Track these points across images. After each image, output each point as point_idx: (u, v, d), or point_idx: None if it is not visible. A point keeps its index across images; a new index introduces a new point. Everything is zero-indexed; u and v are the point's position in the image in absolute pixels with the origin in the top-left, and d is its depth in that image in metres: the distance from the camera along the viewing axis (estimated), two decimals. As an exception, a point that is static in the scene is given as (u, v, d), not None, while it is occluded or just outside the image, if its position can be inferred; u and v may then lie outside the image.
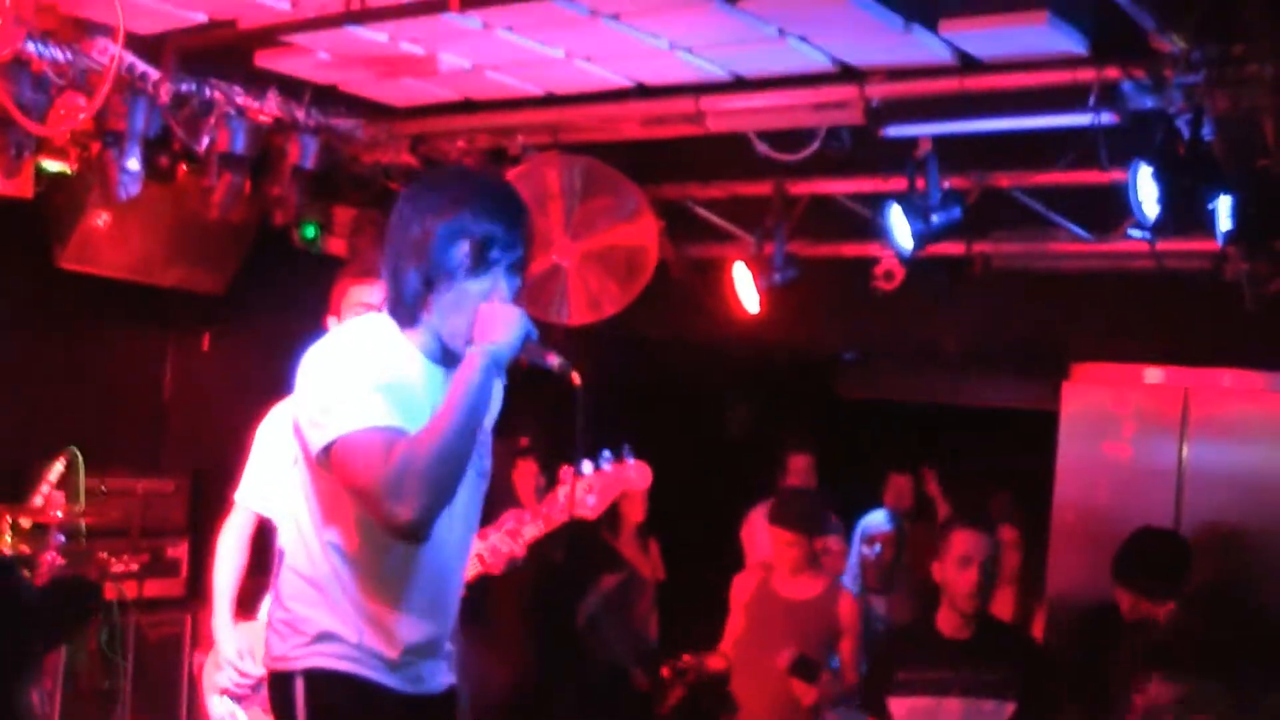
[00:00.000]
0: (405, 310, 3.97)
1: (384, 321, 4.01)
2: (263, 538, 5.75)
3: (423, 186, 4.07)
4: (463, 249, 3.90)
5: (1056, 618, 7.99)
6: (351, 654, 3.98)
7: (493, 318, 3.88)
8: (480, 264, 3.92)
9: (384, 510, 3.66)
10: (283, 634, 4.05)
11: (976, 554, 6.09)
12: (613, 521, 9.15)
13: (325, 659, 3.99)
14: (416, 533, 3.74)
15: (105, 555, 7.97)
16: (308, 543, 4.00)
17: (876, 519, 9.14)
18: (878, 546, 8.21)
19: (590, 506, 5.53)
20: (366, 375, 3.82)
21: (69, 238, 7.80)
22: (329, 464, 3.79)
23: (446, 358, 4.02)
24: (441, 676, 4.22)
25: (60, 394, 8.40)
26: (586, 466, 5.51)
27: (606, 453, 5.53)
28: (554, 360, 4.01)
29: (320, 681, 4.00)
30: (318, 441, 3.80)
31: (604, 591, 9.16)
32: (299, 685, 4.01)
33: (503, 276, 3.97)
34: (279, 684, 4.08)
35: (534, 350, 3.97)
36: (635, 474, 5.60)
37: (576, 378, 4.05)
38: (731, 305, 8.73)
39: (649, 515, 9.36)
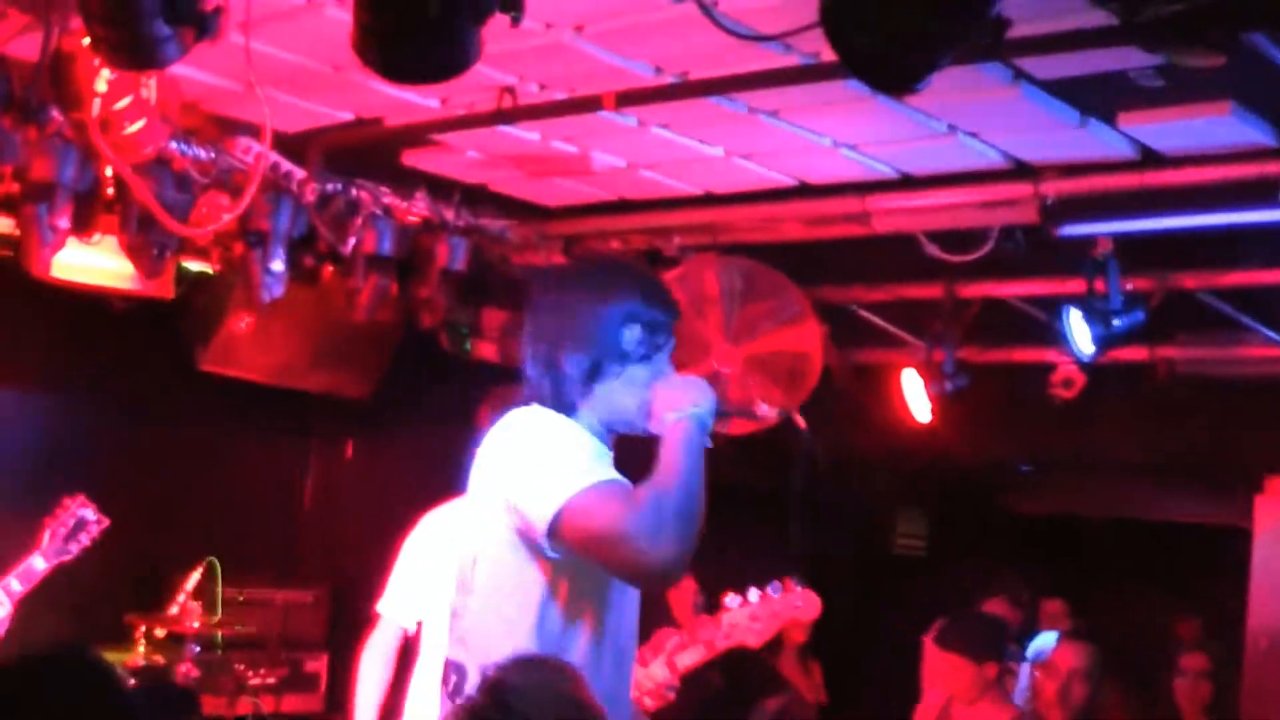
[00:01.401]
0: (562, 400, 3.97)
1: (542, 410, 4.01)
2: (407, 653, 5.80)
3: (576, 272, 4.17)
4: (634, 333, 3.95)
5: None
6: None
7: (677, 390, 3.91)
8: (651, 349, 3.97)
9: (640, 552, 3.64)
10: None
11: (1079, 670, 6.03)
12: (773, 640, 9.10)
13: None
14: (673, 573, 3.75)
15: (242, 667, 8.04)
16: (497, 647, 3.93)
17: (1050, 642, 8.96)
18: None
19: (754, 634, 5.53)
20: (578, 443, 3.85)
21: (211, 339, 7.91)
22: (561, 531, 3.74)
23: (608, 444, 4.04)
24: None
25: (199, 500, 8.51)
26: (753, 594, 5.52)
27: (774, 582, 5.54)
28: (765, 409, 4.02)
29: None
30: (548, 508, 3.74)
31: (765, 716, 9.09)
32: None
33: (667, 363, 4.02)
34: None
35: (735, 409, 3.98)
36: (803, 603, 5.60)
37: (801, 420, 4.05)
38: (899, 413, 8.68)
39: (812, 637, 9.31)
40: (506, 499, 3.87)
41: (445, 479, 4.49)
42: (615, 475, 3.81)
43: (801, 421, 4.10)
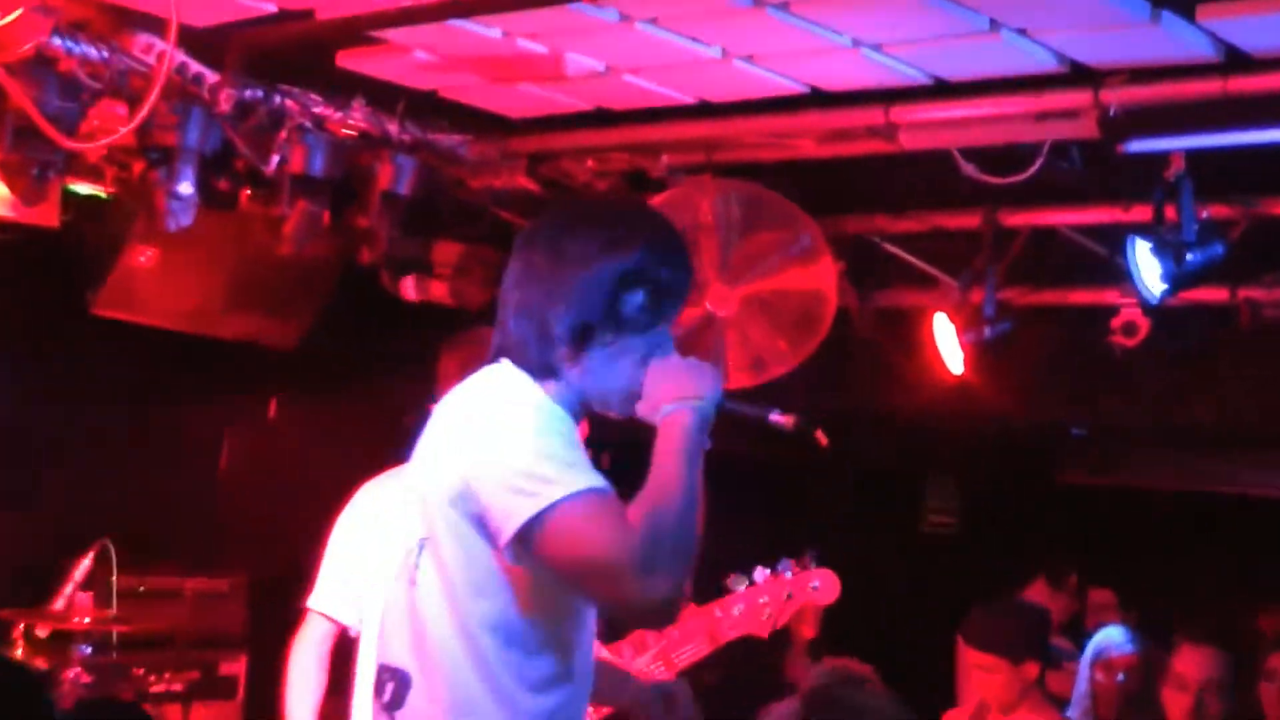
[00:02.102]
0: (543, 363, 3.92)
1: (516, 374, 3.96)
2: (343, 654, 5.74)
3: (580, 216, 4.09)
4: (638, 297, 3.89)
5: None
6: None
7: (679, 374, 3.89)
8: (654, 318, 3.92)
9: (633, 588, 3.59)
10: None
11: (1195, 680, 5.98)
12: (778, 635, 9.08)
13: None
14: (670, 612, 3.74)
15: (143, 671, 8.00)
16: (449, 652, 3.91)
17: (1113, 637, 8.94)
18: (1121, 675, 8.03)
19: (764, 622, 5.52)
20: (559, 429, 3.81)
21: (105, 278, 7.87)
22: (533, 543, 3.68)
23: (576, 410, 3.99)
24: None
25: (93, 473, 8.48)
26: (760, 574, 5.50)
27: (784, 560, 5.52)
28: (781, 417, 4.00)
29: None
30: (519, 513, 3.68)
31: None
32: None
33: (669, 338, 3.99)
34: None
35: (747, 407, 3.95)
36: (820, 584, 5.58)
37: (823, 436, 4.03)
38: (929, 367, 8.63)
39: (825, 629, 9.28)
40: (466, 481, 3.80)
41: (387, 444, 4.42)
42: (600, 480, 3.72)
43: (823, 439, 4.04)
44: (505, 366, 3.96)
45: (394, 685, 3.98)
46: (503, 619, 3.85)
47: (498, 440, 3.77)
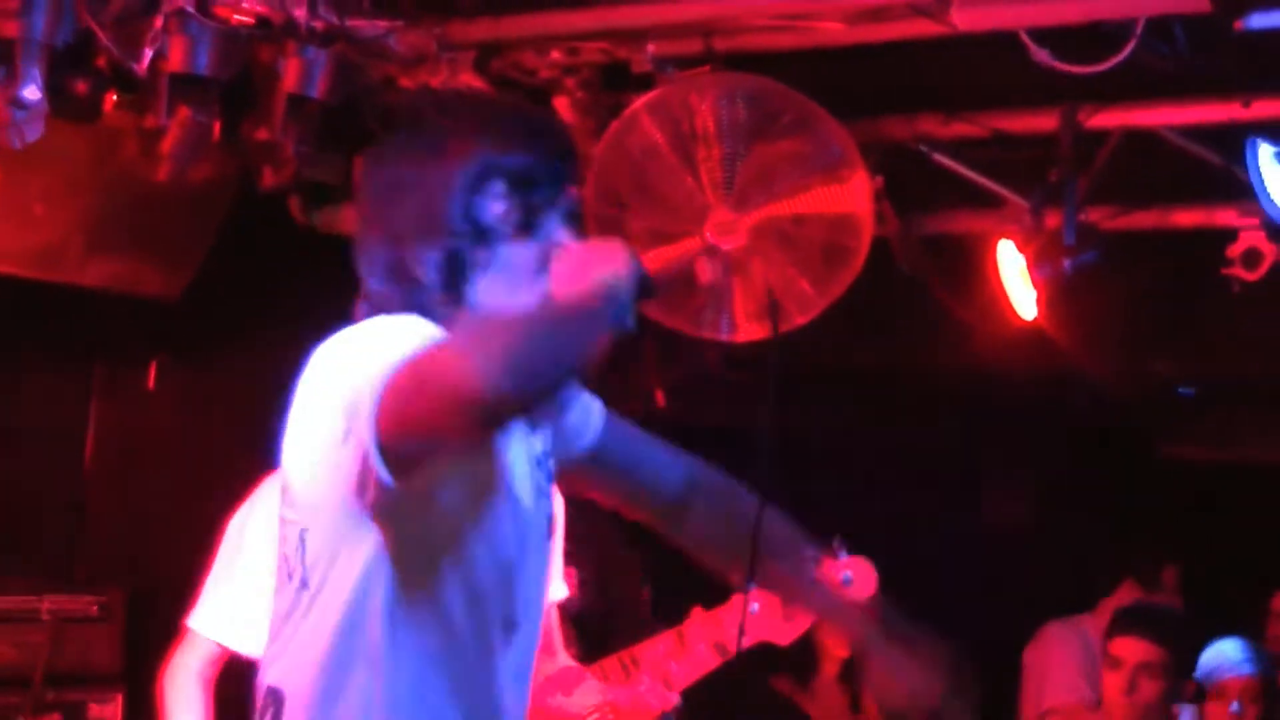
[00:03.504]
0: (426, 307, 3.97)
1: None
2: (231, 683, 5.76)
3: (404, 127, 4.15)
4: (497, 195, 3.96)
5: None
6: None
7: (583, 262, 3.91)
8: (527, 213, 3.99)
9: (459, 368, 3.58)
10: None
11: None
12: (806, 655, 9.11)
13: None
14: (514, 389, 3.64)
15: (-9, 717, 8.02)
16: (335, 663, 3.97)
17: (1229, 654, 8.94)
18: (1235, 704, 8.04)
19: (783, 628, 5.55)
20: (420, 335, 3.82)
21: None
22: (383, 422, 3.69)
23: None
24: None
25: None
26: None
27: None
28: (708, 273, 4.09)
29: None
30: (366, 407, 3.71)
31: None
32: None
33: (561, 228, 4.05)
34: None
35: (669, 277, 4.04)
36: (854, 578, 5.60)
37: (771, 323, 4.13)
38: (992, 312, 8.63)
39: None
40: (329, 451, 3.87)
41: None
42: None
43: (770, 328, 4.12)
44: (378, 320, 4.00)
45: (273, 709, 4.07)
46: (381, 614, 3.91)
47: (336, 387, 3.83)
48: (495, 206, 3.94)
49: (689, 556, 4.55)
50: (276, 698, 4.06)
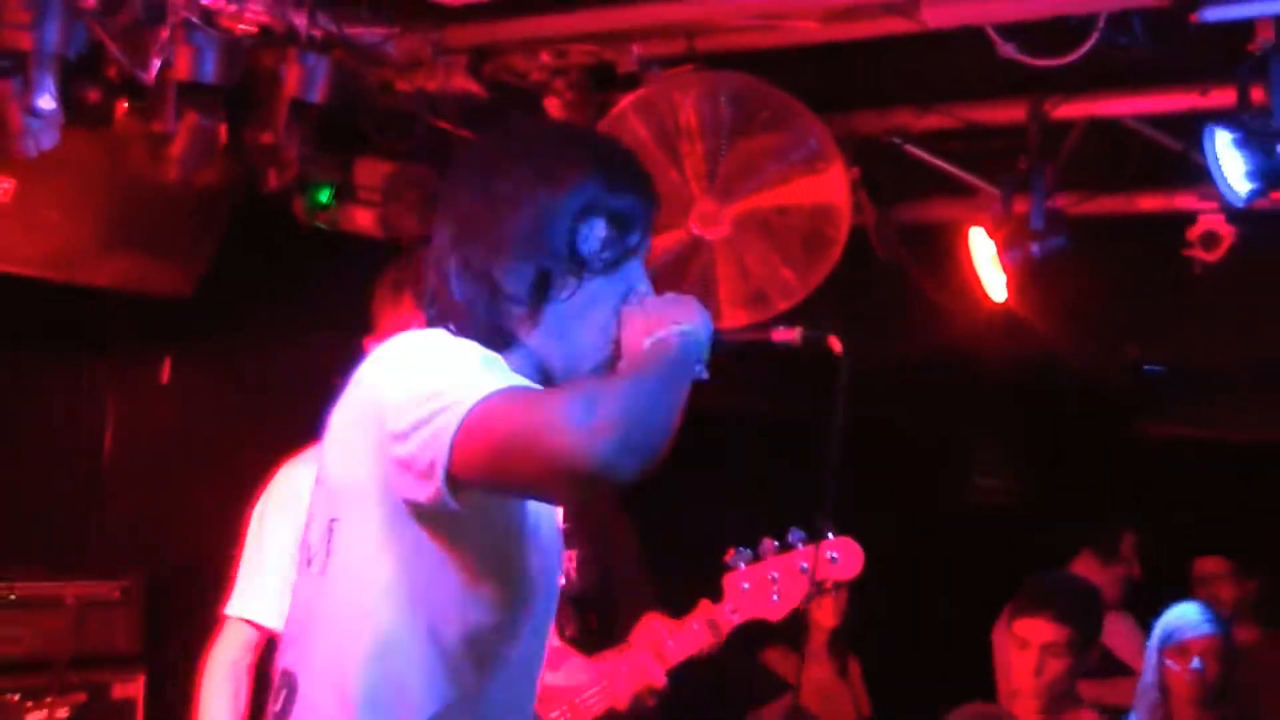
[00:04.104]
0: (493, 327, 3.96)
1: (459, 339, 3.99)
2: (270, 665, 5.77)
3: (505, 147, 4.10)
4: (597, 230, 3.94)
5: None
6: None
7: (660, 310, 3.91)
8: (619, 252, 3.97)
9: (570, 439, 3.53)
10: None
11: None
12: (797, 628, 9.11)
13: None
14: (616, 470, 3.60)
15: (17, 699, 8.00)
16: (352, 651, 3.97)
17: (1190, 616, 8.94)
18: (1196, 661, 8.03)
19: (774, 604, 5.55)
20: (476, 357, 3.81)
21: (-53, 216, 7.84)
22: (463, 458, 3.66)
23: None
24: None
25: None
26: (766, 548, 5.54)
27: (795, 530, 5.55)
28: (788, 334, 4.07)
29: None
30: (445, 430, 3.67)
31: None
32: None
33: (641, 275, 4.04)
34: None
35: (745, 333, 4.04)
36: (840, 556, 5.62)
37: (836, 343, 4.11)
38: (966, 295, 8.64)
39: (852, 622, 9.35)
40: (381, 447, 3.85)
41: (309, 410, 4.39)
42: (525, 380, 3.80)
43: (837, 344, 4.08)
44: (445, 336, 3.98)
45: (285, 693, 4.07)
46: (426, 609, 3.90)
47: (405, 374, 3.82)
48: (594, 239, 3.92)
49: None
50: (290, 681, 4.07)
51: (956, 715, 7.41)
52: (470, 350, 3.82)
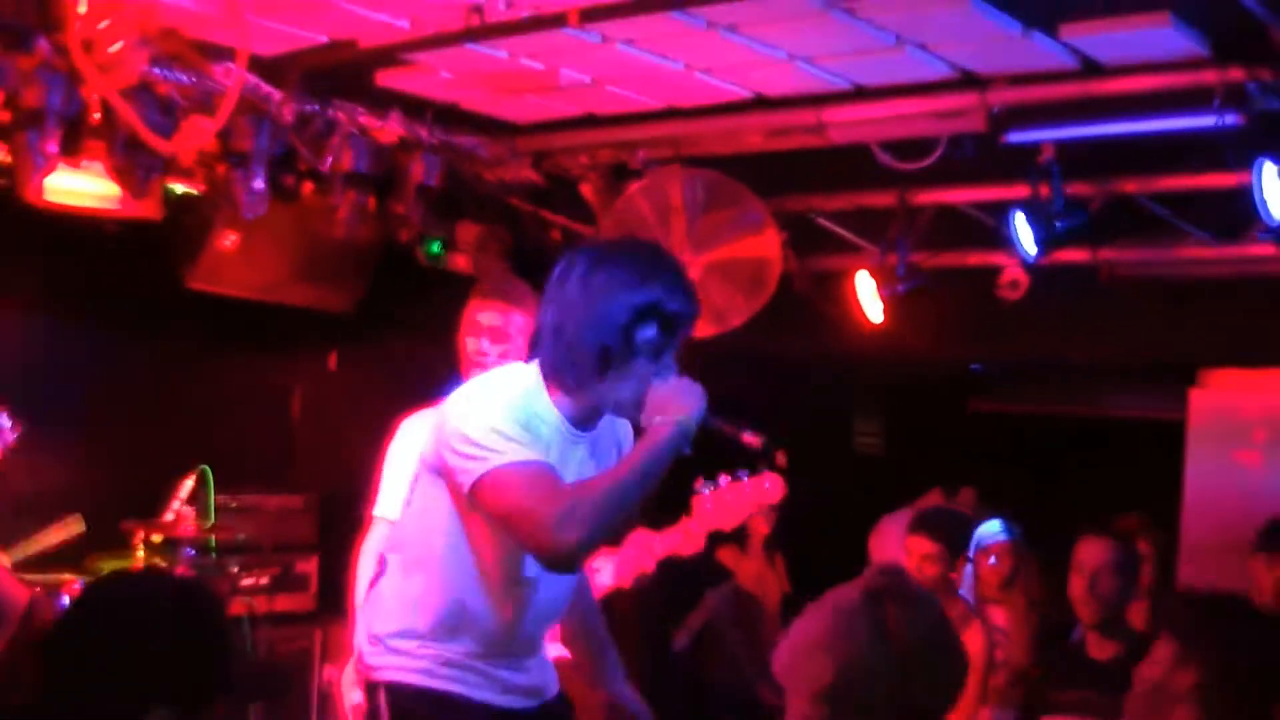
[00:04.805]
0: (569, 376, 3.95)
1: (533, 377, 4.01)
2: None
3: (610, 254, 4.05)
4: (653, 329, 3.90)
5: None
6: (443, 669, 4.07)
7: (674, 393, 3.89)
8: (661, 345, 3.93)
9: (547, 534, 3.68)
10: (378, 647, 4.13)
11: (1089, 564, 5.94)
12: (740, 534, 9.11)
13: (410, 674, 4.08)
14: (573, 561, 3.81)
15: (236, 570, 8.04)
16: (423, 560, 4.08)
17: (992, 529, 8.98)
18: (993, 558, 8.02)
19: (727, 518, 5.56)
20: (516, 419, 3.83)
21: (198, 258, 7.83)
22: (479, 495, 3.80)
23: (585, 425, 4.04)
24: (539, 684, 4.30)
25: (191, 414, 8.47)
26: (722, 480, 5.53)
27: (741, 469, 5.56)
28: (751, 438, 4.07)
29: (403, 695, 4.09)
30: (473, 472, 3.80)
31: (711, 609, 9.11)
32: (381, 698, 4.12)
33: (671, 362, 3.99)
34: (370, 693, 4.17)
35: (725, 425, 4.01)
36: (770, 486, 5.62)
37: (782, 458, 4.18)
38: (856, 317, 8.66)
39: (778, 531, 9.31)
40: (438, 444, 3.93)
41: (422, 386, 4.46)
42: (537, 457, 3.81)
43: (782, 458, 4.14)
44: (529, 368, 4.02)
45: (381, 570, 4.18)
46: (454, 539, 3.99)
47: (465, 417, 3.86)
48: (648, 333, 3.88)
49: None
50: (384, 564, 4.19)
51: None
52: (509, 411, 3.84)
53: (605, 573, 5.58)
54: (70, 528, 7.05)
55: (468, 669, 4.08)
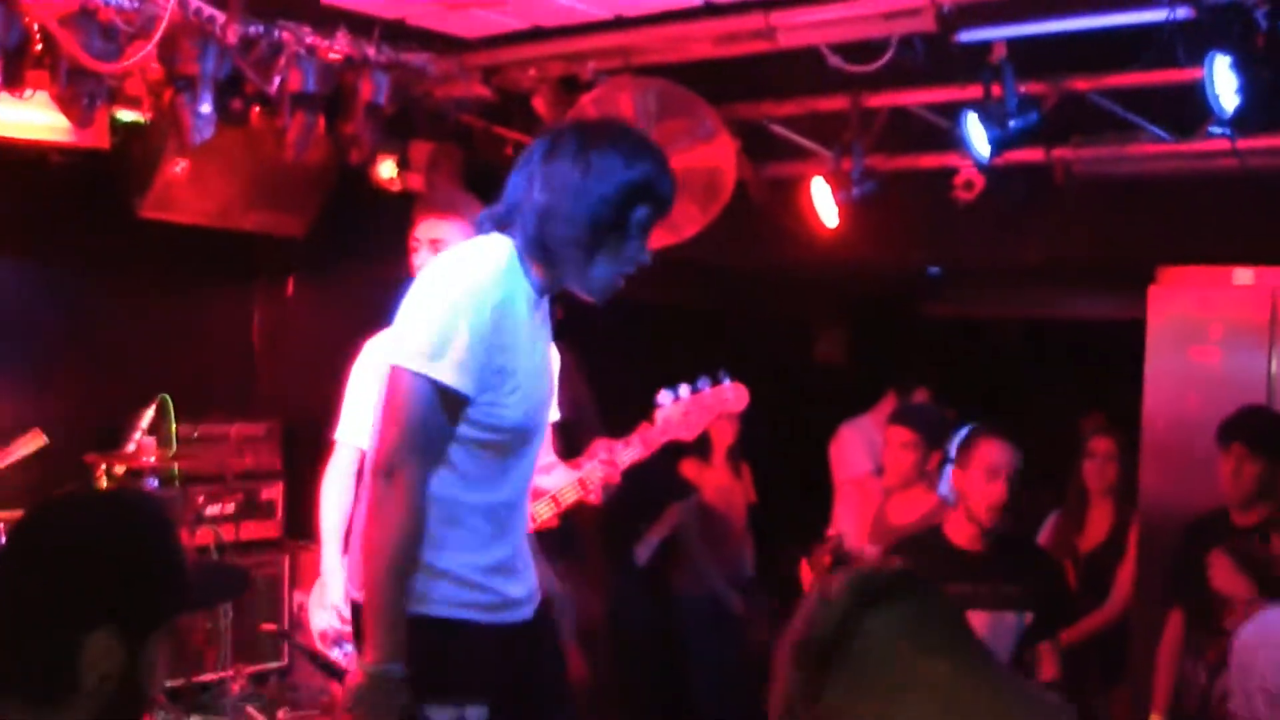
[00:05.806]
0: (549, 254, 3.93)
1: (505, 250, 3.96)
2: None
3: (606, 133, 4.01)
4: (645, 209, 3.90)
5: (1151, 524, 7.81)
6: (450, 593, 4.03)
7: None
8: (647, 229, 3.95)
9: (384, 457, 3.84)
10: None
11: (1004, 467, 5.94)
12: (704, 445, 9.10)
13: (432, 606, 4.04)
14: (376, 482, 3.90)
15: (201, 499, 8.01)
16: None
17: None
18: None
19: (688, 428, 5.52)
20: (475, 324, 3.81)
21: (149, 187, 7.77)
22: (391, 375, 3.85)
23: (548, 289, 4.05)
24: (526, 603, 4.26)
25: (149, 343, 8.46)
26: (683, 390, 5.50)
27: (703, 378, 5.53)
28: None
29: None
30: (405, 356, 3.83)
31: (675, 521, 9.12)
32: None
33: (646, 244, 4.01)
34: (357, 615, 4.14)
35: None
36: (732, 395, 5.59)
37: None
38: (811, 224, 8.61)
39: (742, 440, 9.31)
40: (405, 308, 3.94)
41: (381, 308, 4.40)
42: (455, 381, 3.80)
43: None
44: (497, 240, 3.96)
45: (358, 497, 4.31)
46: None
47: (421, 300, 3.89)
48: (639, 214, 3.89)
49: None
50: (359, 493, 4.20)
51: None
52: (472, 312, 3.81)
53: (567, 486, 5.51)
54: (32, 440, 7.00)
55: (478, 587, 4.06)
